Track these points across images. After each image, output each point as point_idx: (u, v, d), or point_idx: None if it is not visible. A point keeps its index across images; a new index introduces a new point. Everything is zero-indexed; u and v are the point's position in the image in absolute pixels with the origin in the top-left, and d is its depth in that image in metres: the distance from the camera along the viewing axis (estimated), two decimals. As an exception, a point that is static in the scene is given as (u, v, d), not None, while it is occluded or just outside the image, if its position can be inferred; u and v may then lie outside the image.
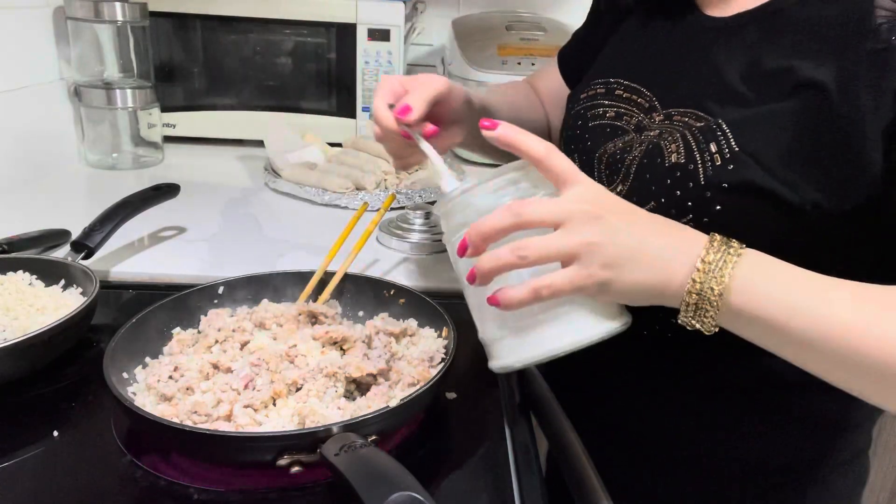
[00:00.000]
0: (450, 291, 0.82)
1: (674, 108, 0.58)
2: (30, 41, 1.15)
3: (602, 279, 0.47)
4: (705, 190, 0.53)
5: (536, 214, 0.47)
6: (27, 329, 0.61)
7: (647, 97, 0.62)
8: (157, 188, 0.91)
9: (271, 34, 1.34)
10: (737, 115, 0.53)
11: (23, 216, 0.95)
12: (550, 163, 0.49)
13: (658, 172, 0.56)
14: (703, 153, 0.53)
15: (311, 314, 0.68)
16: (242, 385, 0.56)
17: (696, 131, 0.55)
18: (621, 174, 0.60)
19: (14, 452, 0.54)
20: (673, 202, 0.55)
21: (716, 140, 0.53)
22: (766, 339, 0.48)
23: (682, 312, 0.48)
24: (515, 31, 1.42)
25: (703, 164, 0.53)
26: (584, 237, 0.47)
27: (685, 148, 0.54)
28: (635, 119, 0.62)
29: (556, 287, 0.47)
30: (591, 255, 0.47)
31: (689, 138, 0.55)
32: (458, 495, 0.53)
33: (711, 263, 0.47)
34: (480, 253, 0.49)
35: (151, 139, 1.30)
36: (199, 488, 0.51)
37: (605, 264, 0.47)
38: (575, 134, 0.67)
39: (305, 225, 1.03)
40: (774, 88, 0.53)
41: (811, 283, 0.47)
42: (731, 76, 0.55)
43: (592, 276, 0.47)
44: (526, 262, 0.47)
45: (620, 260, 0.47)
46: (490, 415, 0.62)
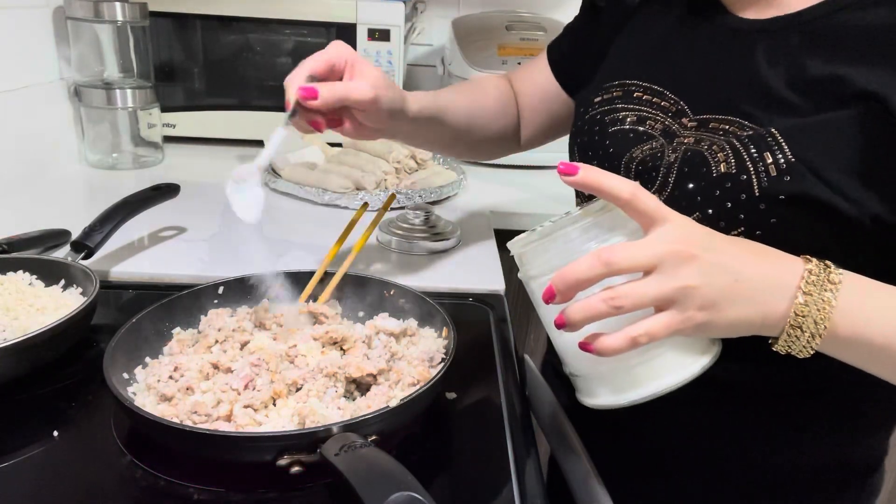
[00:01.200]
0: (450, 291, 0.83)
1: (709, 113, 0.56)
2: (30, 41, 1.15)
3: (700, 321, 0.46)
4: (759, 202, 0.51)
5: (627, 261, 0.45)
6: (27, 329, 0.61)
7: (673, 100, 0.60)
8: (157, 188, 0.91)
9: (271, 34, 1.34)
10: (789, 124, 0.51)
11: (23, 216, 0.95)
12: (637, 204, 0.46)
13: (704, 182, 0.54)
14: (757, 163, 0.51)
15: (311, 314, 0.68)
16: (242, 385, 0.56)
17: (746, 140, 0.53)
18: (657, 183, 0.58)
19: (14, 452, 0.54)
20: (723, 214, 0.53)
21: (770, 150, 0.51)
22: (865, 362, 0.48)
23: (782, 341, 0.47)
24: (515, 31, 1.42)
25: (756, 174, 0.51)
26: (680, 281, 0.45)
27: (735, 157, 0.52)
28: (661, 123, 0.60)
29: (654, 334, 0.46)
30: (687, 299, 0.45)
31: (739, 147, 0.53)
32: (458, 495, 0.53)
33: (812, 295, 0.46)
34: (568, 300, 0.47)
35: (151, 139, 1.30)
36: (199, 488, 0.51)
37: (702, 306, 0.45)
38: (593, 140, 0.64)
39: (305, 225, 1.03)
40: (827, 97, 0.51)
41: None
42: (776, 82, 0.53)
43: (690, 320, 0.46)
44: (620, 311, 0.45)
45: (718, 300, 0.46)
46: (490, 415, 0.62)
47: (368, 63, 0.65)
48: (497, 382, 0.67)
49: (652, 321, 0.46)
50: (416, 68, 1.64)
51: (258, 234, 0.98)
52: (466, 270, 0.90)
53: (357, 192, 1.10)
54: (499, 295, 0.84)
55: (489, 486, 0.54)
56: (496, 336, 0.75)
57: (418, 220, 0.95)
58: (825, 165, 0.50)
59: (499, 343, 0.74)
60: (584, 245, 0.50)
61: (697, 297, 0.45)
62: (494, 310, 0.80)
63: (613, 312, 0.45)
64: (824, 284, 0.46)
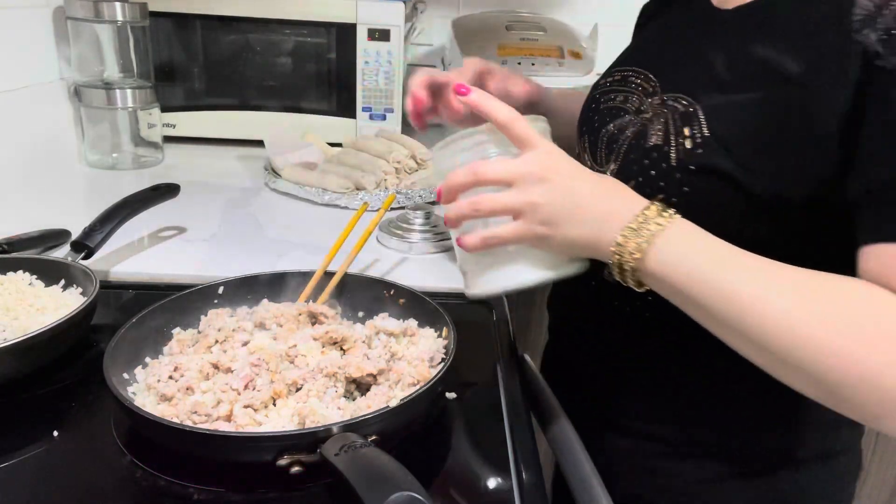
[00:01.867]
0: (450, 291, 0.83)
1: (671, 92, 0.61)
2: (30, 41, 1.15)
3: (540, 234, 0.54)
4: (675, 171, 0.57)
5: (491, 175, 0.54)
6: (27, 329, 0.61)
7: (654, 83, 0.64)
8: (156, 188, 0.91)
9: (271, 34, 1.34)
10: (713, 102, 0.56)
11: (23, 216, 0.95)
12: (513, 128, 0.55)
13: (640, 153, 0.60)
14: (678, 136, 0.57)
15: (311, 314, 0.68)
16: (242, 385, 0.56)
17: (677, 116, 0.58)
18: (615, 153, 0.64)
19: (14, 452, 0.55)
20: (649, 181, 0.59)
21: (690, 125, 0.56)
22: (679, 303, 0.53)
23: (610, 268, 0.54)
24: (515, 31, 1.42)
25: (675, 146, 0.57)
26: (529, 197, 0.53)
27: (664, 131, 0.58)
28: (638, 102, 0.65)
29: (501, 238, 0.55)
30: (532, 213, 0.53)
31: (670, 122, 0.58)
32: (458, 495, 0.53)
33: (638, 230, 0.51)
34: (450, 202, 0.57)
35: (151, 139, 1.30)
36: (199, 488, 0.51)
37: (544, 221, 0.53)
38: (587, 117, 0.71)
39: (305, 225, 1.03)
40: (755, 79, 0.55)
41: (725, 256, 0.51)
42: (719, 65, 0.58)
43: (532, 231, 0.54)
44: (479, 214, 0.55)
45: (557, 219, 0.53)
46: (490, 415, 0.62)
47: None
48: (497, 382, 0.67)
49: (502, 227, 0.55)
50: (416, 68, 1.64)
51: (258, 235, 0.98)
52: (466, 270, 0.89)
53: (357, 192, 1.10)
54: (499, 295, 0.84)
55: (489, 486, 0.54)
56: (496, 336, 0.75)
57: (419, 220, 0.95)
58: (734, 140, 0.54)
59: (499, 343, 0.74)
60: (470, 158, 0.58)
61: (541, 213, 0.53)
62: (494, 310, 0.80)
63: (475, 214, 0.55)
64: (650, 224, 0.51)
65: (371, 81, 1.34)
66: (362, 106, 1.37)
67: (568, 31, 1.45)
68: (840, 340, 0.46)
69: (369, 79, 1.34)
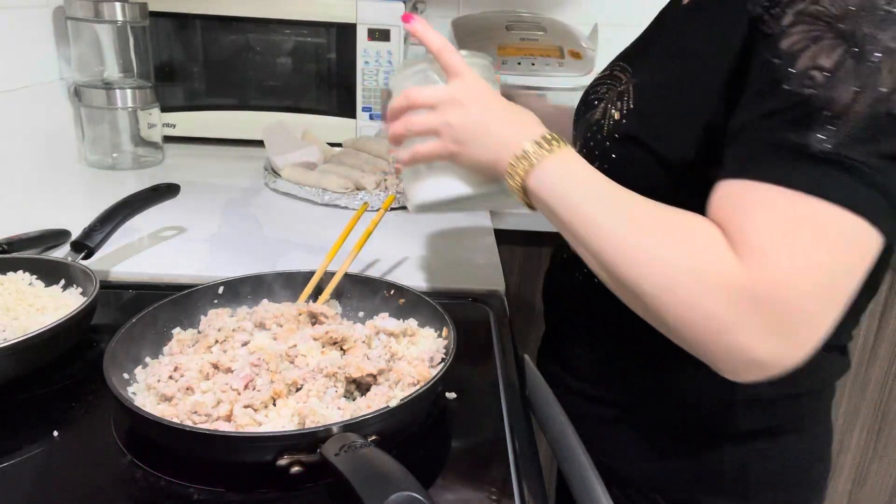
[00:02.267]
0: (450, 291, 0.83)
1: (636, 78, 0.67)
2: (30, 41, 1.15)
3: (452, 151, 0.61)
4: (605, 140, 0.65)
5: (419, 99, 0.62)
6: (27, 329, 0.61)
7: (629, 73, 0.71)
8: (156, 188, 0.91)
9: (271, 34, 1.34)
10: (643, 80, 0.64)
11: (23, 216, 0.95)
12: (442, 57, 0.61)
13: (587, 125, 0.69)
14: (610, 110, 0.65)
15: (311, 314, 0.68)
16: (242, 385, 0.56)
17: (616, 93, 0.66)
18: (582, 133, 0.71)
19: (14, 452, 0.55)
20: (590, 149, 0.67)
21: (622, 100, 0.64)
22: (554, 224, 0.58)
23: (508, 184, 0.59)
24: (515, 31, 1.41)
25: (607, 119, 0.65)
26: (444, 118, 0.60)
27: (603, 105, 0.67)
28: (615, 90, 0.70)
29: (422, 153, 0.62)
30: (447, 133, 0.60)
31: (607, 98, 0.66)
32: (458, 495, 0.53)
33: (529, 153, 0.57)
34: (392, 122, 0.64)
35: (151, 139, 1.30)
36: (199, 488, 0.51)
37: (455, 140, 0.60)
38: (578, 109, 0.79)
39: (305, 225, 1.03)
40: (676, 60, 0.62)
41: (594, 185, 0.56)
42: (663, 52, 0.65)
43: (446, 149, 0.61)
44: (409, 132, 0.62)
45: (467, 139, 0.60)
46: (490, 415, 0.62)
47: None
48: (497, 382, 0.67)
49: (425, 143, 0.62)
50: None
51: (258, 235, 0.98)
52: (466, 270, 0.90)
53: (357, 192, 1.10)
54: (499, 295, 0.84)
55: (489, 486, 0.54)
56: (496, 336, 0.75)
57: None
58: (651, 113, 0.61)
59: (499, 343, 0.74)
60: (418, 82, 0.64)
61: (454, 133, 0.60)
62: (494, 310, 0.80)
63: (406, 133, 0.63)
64: (542, 151, 0.57)
65: (371, 81, 1.34)
66: (362, 106, 1.37)
67: (568, 31, 1.45)
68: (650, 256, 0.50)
69: (369, 79, 1.34)
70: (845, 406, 1.45)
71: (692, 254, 0.49)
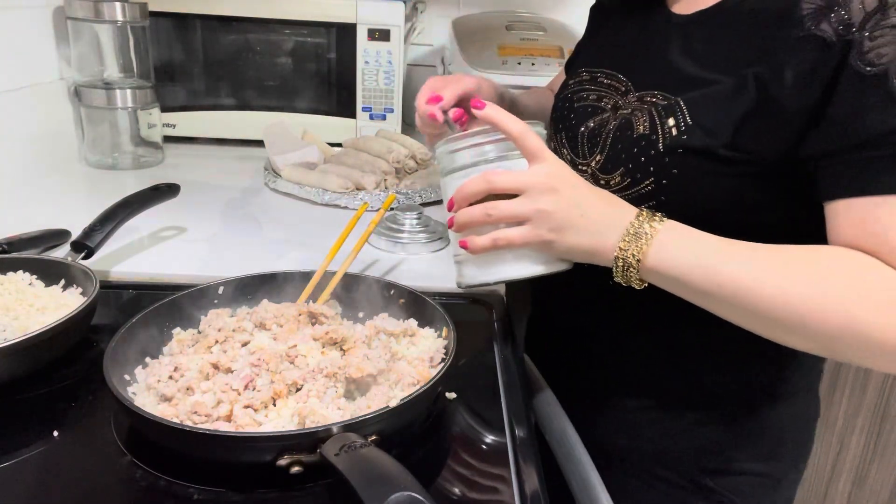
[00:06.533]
0: (450, 291, 0.83)
1: (644, 90, 0.68)
2: (30, 41, 1.15)
3: (547, 239, 0.59)
4: (664, 156, 0.63)
5: (503, 183, 0.59)
6: (27, 329, 0.61)
7: (624, 82, 0.71)
8: (157, 188, 0.91)
9: (271, 34, 1.34)
10: (691, 95, 0.63)
11: (23, 216, 0.95)
12: (524, 141, 0.59)
13: (628, 143, 0.66)
14: (664, 126, 0.64)
15: (311, 314, 0.68)
16: (242, 385, 0.56)
17: (661, 108, 0.65)
18: (599, 146, 0.70)
19: (14, 452, 0.55)
20: (638, 167, 0.65)
21: (674, 115, 0.63)
22: (680, 291, 0.59)
23: (613, 272, 0.59)
24: (515, 31, 1.42)
25: (662, 134, 0.64)
26: (538, 205, 0.58)
27: (650, 122, 0.65)
28: (613, 100, 0.72)
29: (511, 240, 0.59)
30: (541, 221, 0.58)
31: (654, 114, 0.65)
32: (458, 495, 0.53)
33: (636, 235, 0.57)
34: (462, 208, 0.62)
35: (151, 139, 1.30)
36: (199, 488, 0.51)
37: (551, 229, 0.58)
38: (562, 115, 0.77)
39: (305, 225, 1.03)
40: (723, 73, 0.62)
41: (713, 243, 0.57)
42: (685, 63, 0.66)
43: (540, 237, 0.59)
44: (491, 220, 0.59)
45: (563, 226, 0.58)
46: (490, 415, 0.62)
47: None
48: (497, 382, 0.67)
49: (512, 231, 0.59)
50: (416, 68, 1.64)
51: (258, 235, 0.98)
52: (466, 270, 0.89)
53: (357, 192, 1.10)
54: (499, 295, 0.84)
55: (489, 486, 0.54)
56: (496, 336, 0.75)
57: (410, 221, 0.95)
58: (714, 125, 0.61)
59: (499, 343, 0.74)
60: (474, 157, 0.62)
61: (549, 221, 0.58)
62: (494, 310, 0.80)
63: (487, 221, 0.60)
64: (645, 229, 0.57)
65: (371, 81, 1.34)
66: (362, 106, 1.37)
67: (568, 31, 1.45)
68: (828, 302, 0.53)
69: (369, 79, 1.34)
70: (845, 406, 1.45)
71: (864, 291, 0.53)
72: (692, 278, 0.57)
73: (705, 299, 0.58)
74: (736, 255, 0.57)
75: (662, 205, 0.64)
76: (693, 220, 0.59)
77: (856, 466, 1.51)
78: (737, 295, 0.55)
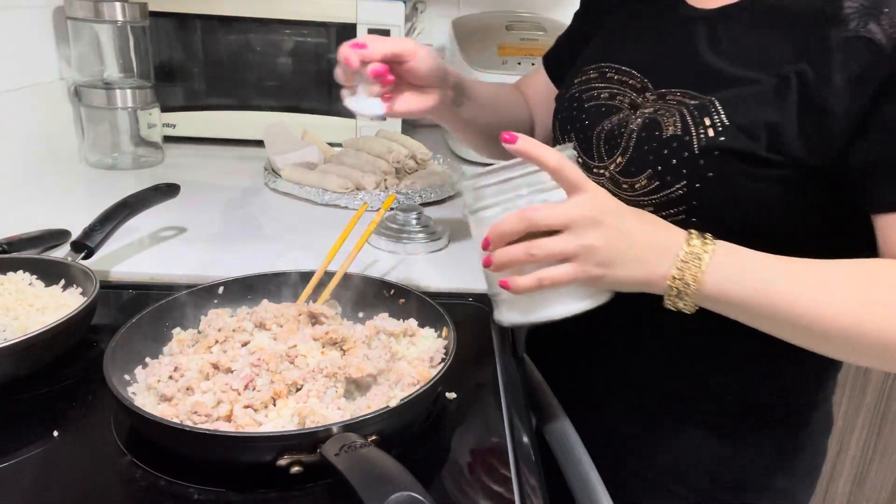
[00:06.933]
0: (450, 291, 0.83)
1: (665, 88, 0.65)
2: (30, 41, 1.15)
3: (595, 275, 0.55)
4: (699, 158, 0.60)
5: (544, 220, 0.54)
6: (27, 329, 0.61)
7: (639, 78, 0.68)
8: (157, 188, 0.91)
9: (271, 34, 1.34)
10: (727, 94, 0.60)
11: (23, 216, 0.95)
12: (563, 173, 0.55)
13: (656, 143, 0.63)
14: (698, 126, 0.60)
15: (311, 314, 0.68)
16: (242, 385, 0.56)
17: (692, 107, 0.61)
18: (620, 147, 0.66)
19: (14, 452, 0.55)
20: (669, 169, 0.62)
21: (709, 115, 0.60)
22: (737, 315, 0.57)
23: (666, 299, 0.57)
24: (515, 31, 1.42)
25: (696, 135, 0.60)
26: (584, 241, 0.54)
27: (681, 122, 0.61)
28: (628, 98, 0.68)
29: (557, 279, 0.55)
30: (588, 256, 0.54)
31: (686, 113, 0.61)
32: (458, 495, 0.53)
33: (687, 261, 0.55)
34: (499, 248, 0.57)
35: (151, 139, 1.30)
36: (199, 488, 0.51)
37: (599, 263, 0.55)
38: (571, 115, 0.73)
39: (305, 225, 1.03)
40: (760, 72, 0.60)
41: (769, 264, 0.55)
42: (715, 59, 0.63)
43: (587, 273, 0.55)
44: (534, 259, 0.55)
45: (612, 260, 0.55)
46: (490, 415, 0.62)
47: None
48: (497, 382, 0.67)
49: (557, 270, 0.55)
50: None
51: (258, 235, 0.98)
52: (466, 270, 0.89)
53: (357, 192, 1.10)
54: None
55: (489, 486, 0.54)
56: (496, 336, 0.75)
57: (409, 220, 0.95)
58: (753, 126, 0.58)
59: (499, 343, 0.74)
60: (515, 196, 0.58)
61: (597, 256, 0.54)
62: (494, 310, 0.80)
63: (530, 260, 0.55)
64: (698, 253, 0.55)
65: (371, 81, 1.34)
66: (362, 106, 1.36)
67: (568, 31, 1.45)
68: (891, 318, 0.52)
69: (369, 79, 1.34)
70: (845, 406, 1.45)
71: None
72: (749, 301, 0.55)
73: (760, 320, 0.56)
74: (792, 274, 0.55)
75: (694, 209, 0.61)
76: (724, 226, 0.58)
77: (856, 466, 1.51)
78: (795, 314, 0.54)
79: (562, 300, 0.59)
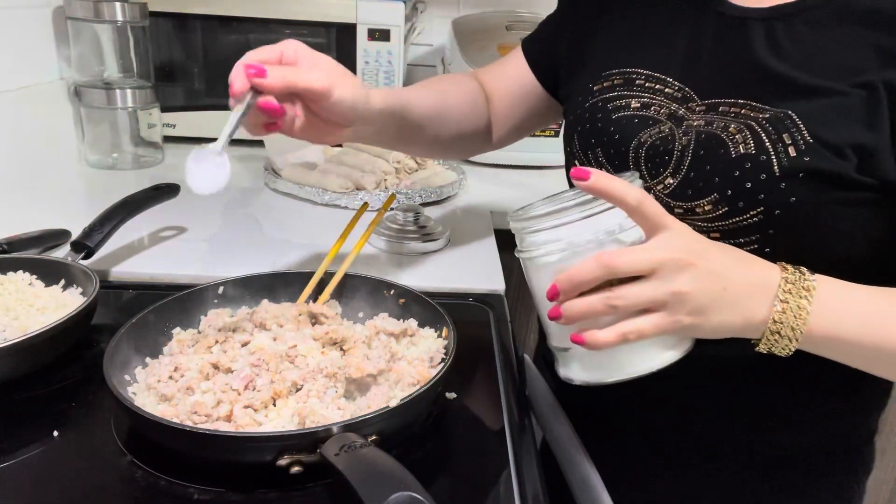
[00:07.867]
0: (450, 291, 0.83)
1: (717, 98, 0.58)
2: (30, 41, 1.15)
3: (687, 324, 0.48)
4: (780, 181, 0.53)
5: (628, 266, 0.48)
6: (27, 329, 0.61)
7: (677, 87, 0.61)
8: (157, 188, 0.91)
9: (271, 34, 1.34)
10: (805, 107, 0.53)
11: (23, 216, 0.95)
12: (643, 211, 0.48)
13: (722, 164, 0.55)
14: (776, 144, 0.53)
15: (311, 314, 0.68)
16: (242, 385, 0.56)
17: (765, 122, 0.54)
18: (670, 166, 0.59)
19: (14, 452, 0.54)
20: (741, 194, 0.54)
21: (788, 131, 0.53)
22: (843, 357, 0.52)
23: (763, 344, 0.50)
24: (515, 31, 1.42)
25: (776, 154, 0.53)
26: (675, 286, 0.47)
27: (754, 139, 0.54)
28: (666, 109, 0.61)
29: (643, 332, 0.48)
30: (679, 304, 0.48)
31: (758, 129, 0.54)
32: (458, 495, 0.53)
33: (789, 302, 0.49)
34: (570, 299, 0.50)
35: (151, 139, 1.30)
36: (199, 488, 0.51)
37: (692, 311, 0.48)
38: (596, 127, 0.64)
39: (305, 225, 1.03)
40: (837, 80, 0.53)
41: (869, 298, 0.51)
42: (786, 68, 0.55)
43: (679, 322, 0.48)
44: (616, 312, 0.48)
45: (707, 306, 0.48)
46: (490, 415, 0.62)
47: (322, 55, 0.63)
48: (497, 382, 0.67)
49: (643, 321, 0.48)
50: (416, 68, 1.64)
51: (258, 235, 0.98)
52: (467, 270, 0.90)
53: (357, 192, 1.10)
54: (499, 295, 0.84)
55: (489, 486, 0.54)
56: (496, 336, 0.75)
57: (408, 220, 0.95)
58: (839, 141, 0.52)
59: (499, 343, 0.74)
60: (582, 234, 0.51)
61: (688, 303, 0.48)
62: (494, 310, 0.80)
63: (610, 312, 0.48)
64: (800, 291, 0.49)
65: (371, 81, 1.34)
66: (362, 106, 1.36)
67: (568, 31, 1.45)
68: None
69: (369, 79, 1.34)
70: (845, 406, 1.45)
71: None
72: (854, 339, 0.50)
73: (857, 358, 0.52)
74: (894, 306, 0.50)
75: (769, 238, 0.54)
76: (804, 255, 0.52)
77: (856, 466, 1.51)
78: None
79: (645, 354, 0.52)
